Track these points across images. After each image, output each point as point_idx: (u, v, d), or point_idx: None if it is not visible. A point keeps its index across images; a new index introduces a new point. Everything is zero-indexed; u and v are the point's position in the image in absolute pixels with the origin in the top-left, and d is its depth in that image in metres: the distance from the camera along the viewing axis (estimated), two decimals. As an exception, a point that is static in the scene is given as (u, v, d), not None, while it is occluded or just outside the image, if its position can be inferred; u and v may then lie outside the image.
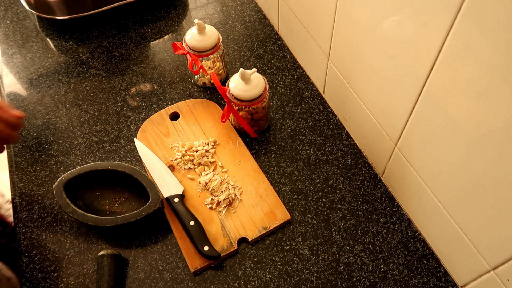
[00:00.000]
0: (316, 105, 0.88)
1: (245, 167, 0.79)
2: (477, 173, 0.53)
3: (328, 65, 0.82)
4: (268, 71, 0.94)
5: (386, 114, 0.69)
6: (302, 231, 0.73)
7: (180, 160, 0.79)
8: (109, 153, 0.83)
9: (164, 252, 0.72)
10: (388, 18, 0.58)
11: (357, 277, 0.69)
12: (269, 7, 1.01)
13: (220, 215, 0.74)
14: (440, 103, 0.55)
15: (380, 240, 0.72)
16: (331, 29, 0.75)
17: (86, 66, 0.96)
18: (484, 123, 0.49)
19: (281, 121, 0.86)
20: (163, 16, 1.05)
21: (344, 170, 0.80)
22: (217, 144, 0.82)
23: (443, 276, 0.69)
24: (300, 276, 0.69)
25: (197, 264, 0.69)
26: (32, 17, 1.05)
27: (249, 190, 0.76)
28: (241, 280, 0.69)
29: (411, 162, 0.67)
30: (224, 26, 1.02)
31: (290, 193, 0.77)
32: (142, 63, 0.96)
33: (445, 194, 0.62)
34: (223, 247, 0.70)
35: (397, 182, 0.74)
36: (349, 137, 0.84)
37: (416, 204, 0.71)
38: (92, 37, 1.01)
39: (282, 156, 0.82)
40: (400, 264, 0.70)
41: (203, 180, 0.76)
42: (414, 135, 0.63)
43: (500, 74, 0.44)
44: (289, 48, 0.98)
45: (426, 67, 0.54)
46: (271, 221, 0.73)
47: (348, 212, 0.75)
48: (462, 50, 0.48)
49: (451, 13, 0.47)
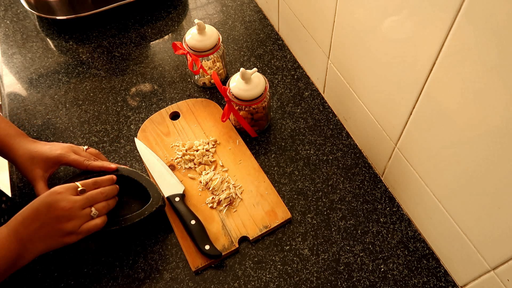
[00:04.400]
0: (316, 105, 0.88)
1: (246, 166, 0.79)
2: (477, 173, 0.53)
3: (328, 65, 0.82)
4: (268, 71, 0.94)
5: (386, 114, 0.69)
6: (302, 231, 0.73)
7: (180, 160, 0.79)
8: (109, 153, 0.83)
9: (164, 252, 0.72)
10: (388, 18, 0.58)
11: (357, 277, 0.69)
12: (269, 7, 1.01)
13: (221, 214, 0.74)
14: (440, 103, 0.55)
15: (380, 240, 0.72)
16: (331, 29, 0.75)
17: (86, 66, 0.96)
18: (484, 123, 0.49)
19: (281, 121, 0.86)
20: (163, 16, 1.05)
21: (344, 170, 0.80)
22: (218, 143, 0.82)
23: (443, 276, 0.69)
24: (300, 276, 0.69)
25: (198, 263, 0.69)
26: (32, 17, 1.05)
27: (250, 189, 0.76)
28: (241, 280, 0.69)
29: (411, 162, 0.67)
30: (224, 26, 1.02)
31: (290, 193, 0.77)
32: (142, 63, 0.96)
33: (445, 194, 0.62)
34: (224, 246, 0.70)
35: (397, 182, 0.74)
36: (349, 137, 0.84)
37: (416, 204, 0.71)
38: (92, 37, 1.01)
39: (282, 156, 0.82)
40: (400, 264, 0.70)
41: (203, 179, 0.76)
42: (414, 135, 0.64)
43: (499, 74, 0.44)
44: (289, 48, 0.98)
45: (426, 67, 0.54)
46: (272, 220, 0.73)
47: (348, 212, 0.75)
48: (462, 50, 0.48)
49: (451, 13, 0.47)
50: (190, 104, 0.87)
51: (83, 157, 0.71)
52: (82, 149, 0.74)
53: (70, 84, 0.93)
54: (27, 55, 0.98)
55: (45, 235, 0.60)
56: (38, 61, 0.97)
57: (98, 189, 0.66)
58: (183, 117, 0.85)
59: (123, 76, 0.94)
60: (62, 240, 0.62)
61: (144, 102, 0.90)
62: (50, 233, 0.60)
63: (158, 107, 0.89)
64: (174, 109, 0.86)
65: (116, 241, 0.73)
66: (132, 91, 0.92)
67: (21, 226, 0.60)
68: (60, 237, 0.61)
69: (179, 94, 0.91)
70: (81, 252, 0.72)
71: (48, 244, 0.61)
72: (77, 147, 0.73)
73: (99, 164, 0.71)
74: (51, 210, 0.60)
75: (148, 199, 0.71)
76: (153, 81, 0.93)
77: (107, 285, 0.69)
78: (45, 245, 0.61)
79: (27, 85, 0.93)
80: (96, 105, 0.90)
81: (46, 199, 0.61)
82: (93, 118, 0.88)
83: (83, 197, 0.64)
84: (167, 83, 0.93)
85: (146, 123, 0.85)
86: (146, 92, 0.91)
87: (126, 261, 0.71)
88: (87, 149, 0.75)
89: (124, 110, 0.89)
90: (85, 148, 0.74)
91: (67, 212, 0.61)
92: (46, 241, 0.61)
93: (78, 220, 0.62)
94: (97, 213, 0.64)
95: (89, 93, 0.92)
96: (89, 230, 0.63)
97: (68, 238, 0.62)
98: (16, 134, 0.71)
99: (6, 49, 0.99)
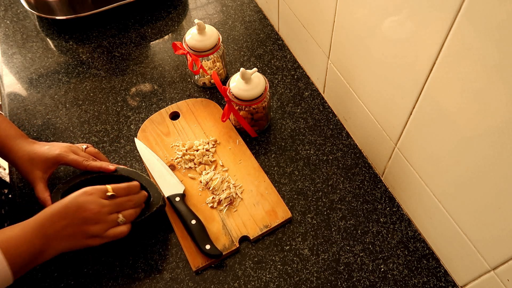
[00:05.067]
0: (316, 105, 0.88)
1: (246, 166, 0.79)
2: (477, 173, 0.53)
3: (328, 65, 0.82)
4: (268, 71, 0.94)
5: (386, 114, 0.69)
6: (302, 231, 0.73)
7: (180, 160, 0.79)
8: (109, 153, 0.83)
9: (164, 252, 0.72)
10: (388, 18, 0.58)
11: (357, 277, 0.69)
12: (269, 7, 1.01)
13: (221, 214, 0.74)
14: (440, 103, 0.55)
15: (380, 240, 0.72)
16: (331, 29, 0.75)
17: (86, 66, 0.96)
18: (484, 123, 0.49)
19: (281, 121, 0.86)
20: (163, 16, 1.05)
21: (344, 170, 0.80)
22: (218, 143, 0.82)
23: (443, 276, 0.69)
24: (300, 276, 0.69)
25: (199, 263, 0.69)
26: (32, 17, 1.05)
27: (250, 188, 0.76)
28: (241, 280, 0.69)
29: (411, 162, 0.67)
30: (224, 26, 1.02)
31: (290, 193, 0.77)
32: (142, 63, 0.96)
33: (445, 194, 0.62)
34: (224, 245, 0.70)
35: (397, 182, 0.74)
36: (349, 137, 0.84)
37: (416, 204, 0.71)
38: (92, 37, 1.01)
39: (282, 156, 0.82)
40: (400, 264, 0.70)
41: (204, 179, 0.77)
42: (414, 135, 0.64)
43: (499, 74, 0.44)
44: (289, 48, 0.98)
45: (426, 67, 0.54)
46: (272, 219, 0.73)
47: (348, 212, 0.75)
48: (462, 50, 0.48)
49: (451, 13, 0.47)
50: (190, 104, 0.87)
51: (82, 157, 0.71)
52: (81, 148, 0.73)
53: (70, 84, 0.93)
54: (27, 55, 0.98)
55: (70, 235, 0.60)
56: (38, 61, 0.97)
57: (127, 196, 0.67)
58: (183, 117, 0.85)
59: (123, 76, 0.94)
60: (86, 242, 0.62)
61: (144, 102, 0.90)
62: (75, 233, 0.61)
63: (158, 107, 0.89)
64: (174, 109, 0.86)
65: (116, 241, 0.73)
66: (132, 91, 0.92)
67: (48, 222, 0.60)
68: (84, 238, 0.62)
69: (179, 94, 0.91)
70: (81, 252, 0.71)
71: (71, 243, 0.61)
72: (76, 146, 0.73)
73: (98, 165, 0.71)
74: (79, 211, 0.61)
75: (148, 199, 0.71)
76: (153, 81, 0.93)
77: (107, 285, 0.69)
78: (68, 244, 0.61)
79: (27, 85, 0.93)
80: (96, 105, 0.90)
81: (77, 199, 0.62)
82: (93, 118, 0.88)
83: (111, 202, 0.64)
84: (167, 83, 0.93)
85: (146, 123, 0.85)
86: (146, 92, 0.92)
87: (126, 261, 0.71)
88: (86, 148, 0.74)
89: (124, 110, 0.89)
90: (84, 147, 0.74)
91: (94, 215, 0.61)
92: (70, 240, 0.61)
93: (104, 225, 0.63)
94: (124, 220, 0.65)
95: (89, 93, 0.92)
96: (114, 236, 0.64)
97: (92, 241, 0.62)
98: (16, 135, 0.71)
99: (6, 49, 0.99)
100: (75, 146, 0.73)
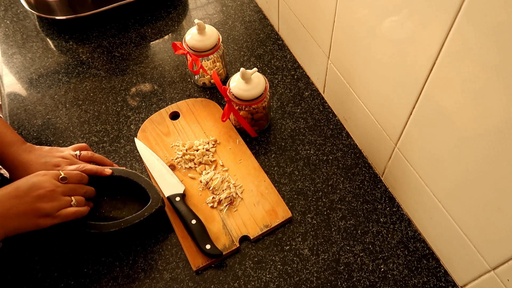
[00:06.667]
0: (316, 105, 0.88)
1: (246, 165, 0.79)
2: (477, 173, 0.53)
3: (328, 65, 0.82)
4: (268, 71, 0.94)
5: (386, 114, 0.69)
6: (302, 231, 0.73)
7: (180, 159, 0.79)
8: (109, 153, 0.83)
9: (164, 252, 0.72)
10: (388, 18, 0.58)
11: (357, 277, 0.69)
12: (269, 7, 1.01)
13: (221, 214, 0.74)
14: (440, 103, 0.55)
15: (380, 240, 0.72)
16: (331, 29, 0.75)
17: (86, 66, 0.96)
18: (484, 123, 0.49)
19: (281, 121, 0.86)
20: (163, 16, 1.05)
21: (344, 170, 0.80)
22: (218, 143, 0.82)
23: (443, 276, 0.69)
24: (300, 276, 0.69)
25: (199, 263, 0.69)
26: (32, 17, 1.05)
27: (250, 188, 0.76)
28: (241, 280, 0.69)
29: (411, 162, 0.67)
30: (224, 26, 1.02)
31: (290, 193, 0.77)
32: (142, 63, 0.96)
33: (445, 194, 0.62)
34: (224, 245, 0.70)
35: (397, 182, 0.74)
36: (349, 137, 0.84)
37: (416, 204, 0.71)
38: (92, 37, 1.01)
39: (282, 156, 0.82)
40: (400, 264, 0.70)
41: (204, 179, 0.77)
42: (414, 135, 0.64)
43: (499, 74, 0.44)
44: (289, 48, 0.98)
45: (426, 67, 0.54)
46: (272, 219, 0.73)
47: (348, 212, 0.75)
48: (462, 50, 0.48)
49: (451, 13, 0.47)
50: (190, 104, 0.87)
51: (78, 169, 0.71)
52: (75, 157, 0.73)
53: (70, 84, 0.93)
54: (27, 55, 0.98)
55: (21, 213, 0.60)
56: (38, 61, 0.97)
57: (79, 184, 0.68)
58: (183, 117, 0.85)
59: (123, 76, 0.94)
60: (37, 221, 0.62)
61: (144, 102, 0.90)
62: (26, 211, 0.60)
63: (158, 107, 0.89)
64: (174, 109, 0.86)
65: (116, 241, 0.73)
66: (132, 91, 0.92)
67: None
68: (36, 217, 0.61)
69: (179, 94, 0.91)
70: (81, 252, 0.72)
71: (22, 223, 0.61)
72: (71, 157, 0.73)
73: (94, 169, 0.71)
74: (33, 189, 0.61)
75: (148, 200, 0.71)
76: (153, 81, 0.93)
77: (107, 285, 0.69)
78: (19, 224, 0.60)
79: (27, 85, 0.93)
80: (96, 105, 0.90)
81: (31, 179, 0.63)
82: (93, 118, 0.88)
83: (65, 185, 0.65)
84: (167, 83, 0.93)
85: (146, 123, 0.85)
86: (146, 92, 0.92)
87: (126, 261, 0.71)
88: (79, 155, 0.74)
89: (124, 110, 0.89)
90: (77, 154, 0.74)
91: (49, 192, 0.62)
92: (21, 219, 0.60)
93: (57, 203, 0.63)
94: (76, 204, 0.66)
95: (89, 93, 0.92)
96: (66, 216, 0.64)
97: (43, 220, 0.62)
98: (11, 142, 0.71)
99: (6, 49, 0.99)
100: (70, 156, 0.73)
